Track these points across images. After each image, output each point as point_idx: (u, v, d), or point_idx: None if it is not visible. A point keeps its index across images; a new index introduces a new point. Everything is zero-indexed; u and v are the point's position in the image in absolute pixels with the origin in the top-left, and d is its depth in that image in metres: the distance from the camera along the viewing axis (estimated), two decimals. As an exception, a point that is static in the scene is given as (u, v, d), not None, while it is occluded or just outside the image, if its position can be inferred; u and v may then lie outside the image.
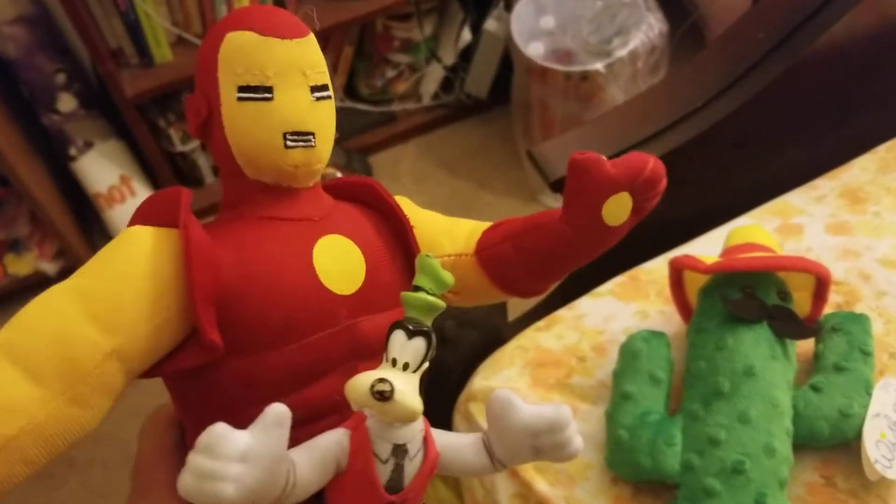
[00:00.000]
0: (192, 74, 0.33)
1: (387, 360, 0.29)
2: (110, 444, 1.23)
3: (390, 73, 1.51)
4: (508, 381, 0.63)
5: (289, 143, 0.31)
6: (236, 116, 0.31)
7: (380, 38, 1.48)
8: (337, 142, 0.35)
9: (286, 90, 0.31)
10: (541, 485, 0.58)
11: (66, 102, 1.31)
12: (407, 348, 0.28)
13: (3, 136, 1.17)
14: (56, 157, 1.37)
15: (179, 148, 1.38)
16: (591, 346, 0.65)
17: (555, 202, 1.38)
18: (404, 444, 0.29)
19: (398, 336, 0.28)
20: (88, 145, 1.36)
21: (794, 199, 0.74)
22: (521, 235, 0.36)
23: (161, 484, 0.32)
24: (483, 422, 0.55)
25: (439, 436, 0.31)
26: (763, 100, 0.72)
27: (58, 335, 0.28)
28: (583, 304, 0.69)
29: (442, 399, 0.67)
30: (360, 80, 1.52)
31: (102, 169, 1.36)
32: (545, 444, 0.31)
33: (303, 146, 0.32)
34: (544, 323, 0.68)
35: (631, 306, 0.67)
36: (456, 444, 0.32)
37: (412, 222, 0.36)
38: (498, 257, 0.36)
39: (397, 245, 0.35)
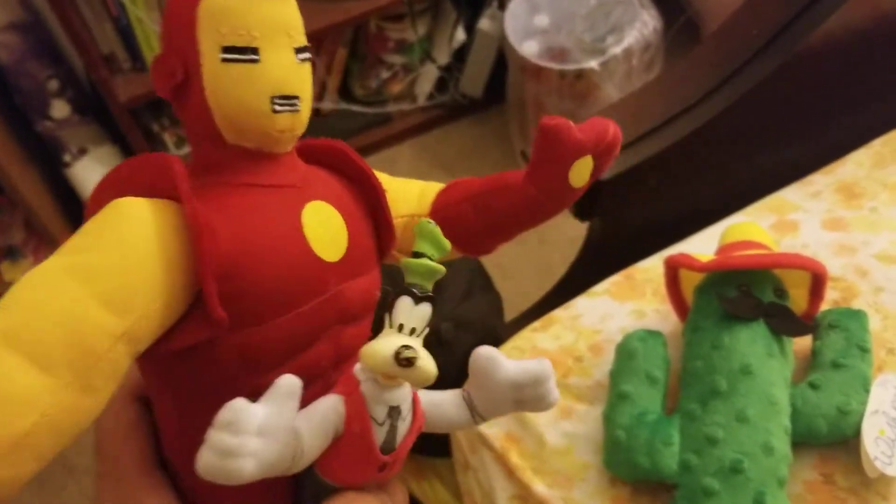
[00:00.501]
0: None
1: (391, 326, 0.29)
2: (109, 451, 1.23)
3: (385, 74, 1.51)
4: (505, 382, 0.63)
5: (276, 107, 0.30)
6: (220, 79, 0.30)
7: (374, 38, 1.47)
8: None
9: (272, 51, 0.30)
10: (539, 486, 0.58)
11: (60, 109, 1.31)
12: (414, 313, 0.29)
13: (-4, 143, 1.17)
14: (50, 163, 1.37)
15: (174, 152, 1.38)
16: (587, 346, 0.65)
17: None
18: (398, 406, 0.30)
19: (405, 302, 0.29)
20: (83, 151, 1.36)
21: (790, 195, 0.74)
22: (483, 196, 0.36)
23: (128, 459, 0.32)
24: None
25: (422, 394, 0.32)
26: (757, 96, 0.72)
27: (64, 318, 0.26)
28: (579, 303, 0.68)
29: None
30: (355, 82, 1.52)
31: (97, 175, 1.36)
32: (527, 397, 0.32)
33: (289, 110, 0.31)
34: (540, 323, 0.67)
35: (627, 305, 0.67)
36: (437, 400, 0.33)
37: None
38: (456, 217, 0.37)
39: (368, 210, 0.35)
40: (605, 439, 0.56)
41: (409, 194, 0.38)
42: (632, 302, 0.67)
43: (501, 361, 0.32)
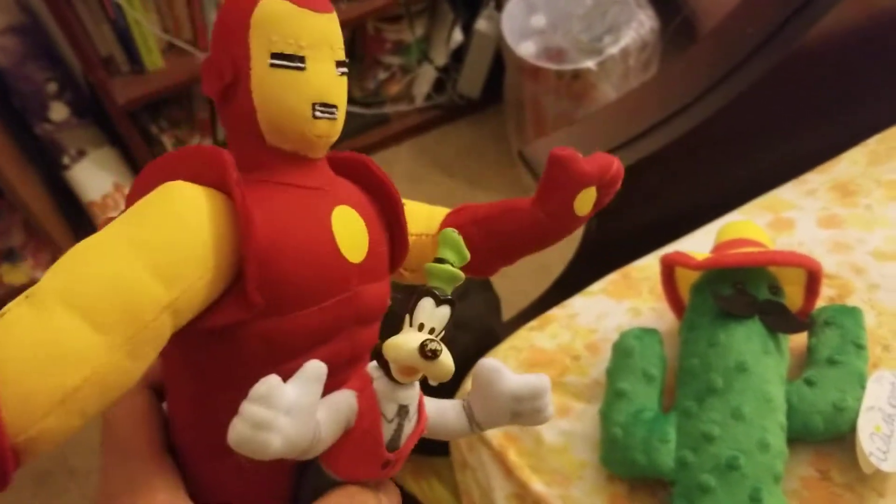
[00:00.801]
0: (184, 81, 0.34)
1: (411, 325, 0.30)
2: (109, 453, 1.23)
3: (382, 75, 1.51)
4: (503, 381, 0.63)
5: (317, 113, 0.33)
6: (267, 83, 0.32)
7: (371, 40, 1.48)
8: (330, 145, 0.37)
9: (317, 62, 0.33)
10: (537, 484, 0.58)
11: (58, 111, 1.31)
12: (435, 314, 0.30)
13: (-5, 146, 1.17)
14: (49, 166, 1.37)
15: (173, 154, 1.38)
16: (584, 344, 0.65)
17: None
18: (408, 405, 0.31)
19: (427, 303, 0.30)
20: (81, 154, 1.36)
21: (785, 193, 0.74)
22: (492, 219, 0.39)
23: (138, 443, 0.32)
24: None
25: (427, 400, 0.34)
26: (753, 95, 0.72)
27: (118, 284, 0.27)
28: (575, 302, 0.69)
29: (437, 401, 0.67)
30: (353, 83, 1.52)
31: (96, 177, 1.36)
32: (525, 409, 0.33)
33: (327, 118, 0.33)
34: (537, 323, 0.68)
35: (623, 304, 0.67)
36: (439, 408, 0.34)
37: None
38: (464, 239, 0.39)
39: (385, 222, 0.37)
40: (603, 437, 0.57)
41: (418, 215, 0.40)
42: (628, 300, 0.67)
43: (505, 373, 0.33)
